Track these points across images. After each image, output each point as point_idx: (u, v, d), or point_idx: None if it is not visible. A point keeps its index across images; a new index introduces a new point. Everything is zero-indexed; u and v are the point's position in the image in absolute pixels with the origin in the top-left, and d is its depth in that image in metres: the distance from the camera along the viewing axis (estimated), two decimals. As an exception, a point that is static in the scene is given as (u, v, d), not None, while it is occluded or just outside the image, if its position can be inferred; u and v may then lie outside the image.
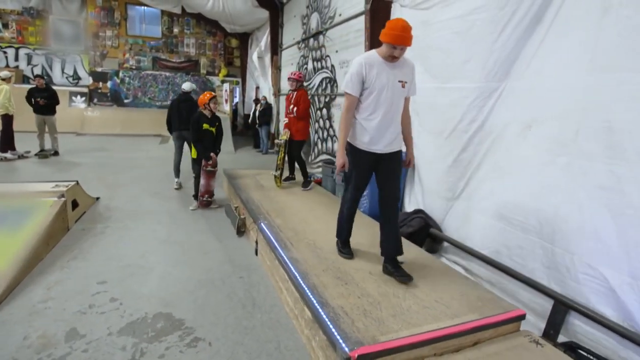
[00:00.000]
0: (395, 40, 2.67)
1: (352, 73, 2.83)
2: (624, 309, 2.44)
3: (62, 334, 2.67)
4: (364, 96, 2.86)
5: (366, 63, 2.79)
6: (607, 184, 2.52)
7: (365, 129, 2.89)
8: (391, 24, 2.72)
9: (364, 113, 2.88)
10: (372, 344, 2.14)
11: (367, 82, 2.80)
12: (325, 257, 3.30)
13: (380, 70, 2.80)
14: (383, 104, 2.84)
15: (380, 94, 2.82)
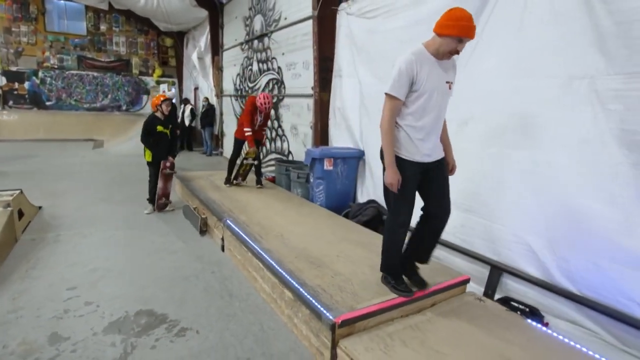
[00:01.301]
0: (463, 32, 2.28)
1: (399, 72, 2.38)
2: (543, 266, 3.06)
3: (44, 339, 2.68)
4: (411, 99, 2.44)
5: (417, 60, 2.37)
6: (528, 168, 3.13)
7: (411, 138, 2.48)
8: (455, 14, 2.31)
9: (409, 119, 2.48)
10: (351, 311, 2.50)
11: (418, 83, 2.38)
12: (294, 247, 3.59)
13: (432, 70, 2.40)
14: (433, 109, 2.45)
15: (431, 97, 2.42)
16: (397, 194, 2.54)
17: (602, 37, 2.71)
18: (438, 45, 2.38)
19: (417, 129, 2.47)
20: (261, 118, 5.69)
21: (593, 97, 2.78)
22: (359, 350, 2.30)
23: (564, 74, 2.93)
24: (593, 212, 2.79)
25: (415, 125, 2.47)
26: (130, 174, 8.42)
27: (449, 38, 2.32)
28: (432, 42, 2.43)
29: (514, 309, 3.01)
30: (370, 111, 5.01)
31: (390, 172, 2.49)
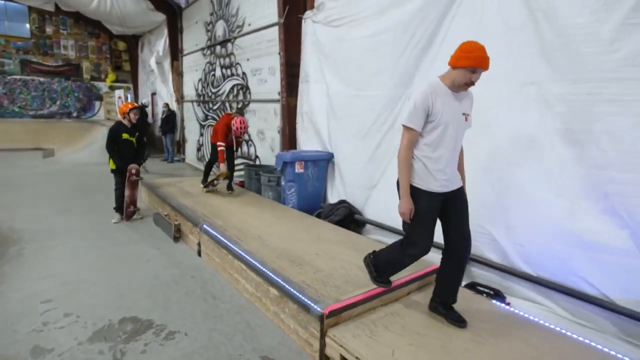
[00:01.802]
0: (477, 63, 2.35)
1: (414, 105, 2.44)
2: (503, 252, 3.40)
3: (26, 352, 2.62)
4: (427, 130, 2.48)
5: (432, 93, 2.43)
6: (486, 165, 3.47)
7: (427, 169, 2.51)
8: (468, 46, 2.40)
9: (426, 149, 2.51)
10: (336, 302, 2.67)
11: (433, 114, 2.43)
12: (274, 247, 3.71)
13: (447, 102, 2.46)
14: (449, 140, 2.49)
15: (447, 129, 2.46)
16: (413, 224, 2.56)
17: (546, 48, 3.08)
18: (453, 77, 2.44)
19: (433, 160, 2.50)
20: (235, 137, 5.73)
21: (540, 101, 3.15)
22: (347, 337, 2.47)
23: (516, 81, 3.29)
24: (543, 202, 3.16)
25: (432, 156, 2.50)
26: (89, 183, 8.13)
27: (463, 70, 2.38)
28: (447, 75, 2.49)
29: (480, 292, 3.32)
30: (339, 115, 5.23)
31: (403, 202, 2.51)
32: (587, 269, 2.97)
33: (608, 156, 2.81)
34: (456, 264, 2.71)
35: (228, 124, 5.57)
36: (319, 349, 2.59)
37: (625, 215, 2.78)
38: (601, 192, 2.89)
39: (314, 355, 2.63)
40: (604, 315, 2.92)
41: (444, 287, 2.77)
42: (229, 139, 5.64)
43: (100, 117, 15.98)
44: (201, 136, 10.21)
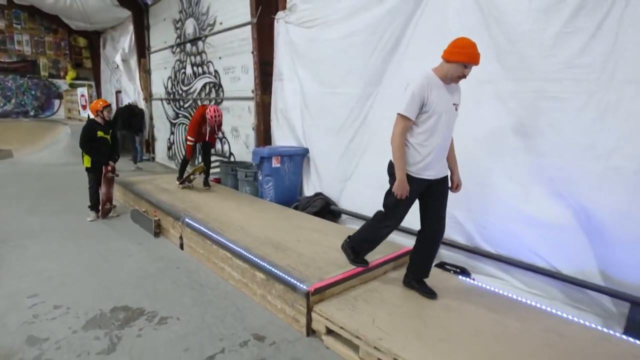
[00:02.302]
0: (471, 59, 2.57)
1: (412, 94, 2.60)
2: (467, 234, 3.79)
3: (21, 342, 2.70)
4: (422, 119, 2.66)
5: (427, 84, 2.61)
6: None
7: (420, 154, 2.71)
8: (461, 42, 2.60)
9: (420, 137, 2.70)
10: (320, 281, 2.93)
11: (428, 104, 2.61)
12: (256, 236, 3.92)
13: (440, 93, 2.65)
14: (441, 129, 2.68)
15: (440, 118, 2.65)
16: (397, 202, 2.79)
17: (499, 51, 3.48)
18: (446, 70, 2.63)
19: (426, 147, 2.69)
20: (210, 128, 5.81)
21: (495, 97, 3.55)
22: (331, 310, 2.74)
23: (474, 80, 3.60)
24: (500, 187, 3.57)
25: (425, 143, 2.68)
26: (57, 184, 7.93)
27: (456, 64, 2.58)
28: (440, 67, 2.68)
29: (448, 270, 3.69)
30: (313, 112, 5.48)
31: (401, 184, 2.70)
32: (539, 244, 3.40)
33: (552, 146, 3.24)
34: (430, 245, 2.99)
35: (203, 114, 5.68)
36: (306, 324, 2.84)
37: (567, 197, 3.22)
38: (547, 177, 3.32)
39: (301, 330, 2.87)
40: (553, 284, 3.36)
41: (417, 264, 3.07)
42: (203, 130, 5.74)
43: (61, 116, 15.37)
44: (172, 134, 10.15)
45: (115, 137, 5.63)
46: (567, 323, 2.74)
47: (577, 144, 3.11)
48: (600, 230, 3.09)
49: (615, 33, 2.89)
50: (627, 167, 2.92)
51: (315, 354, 2.66)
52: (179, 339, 2.77)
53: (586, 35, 3.01)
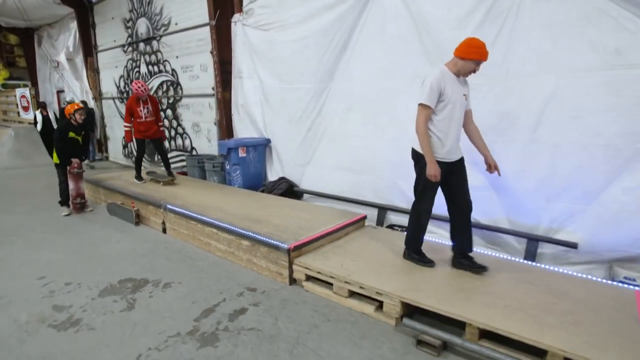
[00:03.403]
0: (483, 57, 2.95)
1: (431, 86, 2.96)
2: (409, 200, 4.67)
3: (49, 310, 3.16)
4: (439, 108, 3.03)
5: (443, 77, 2.99)
6: (393, 136, 4.70)
7: (440, 140, 3.09)
8: (474, 42, 2.96)
9: (439, 125, 3.07)
10: (297, 241, 3.66)
11: (444, 95, 2.98)
12: (235, 214, 4.54)
13: (453, 85, 3.02)
14: (456, 116, 3.06)
15: (455, 107, 3.02)
16: (428, 186, 3.17)
17: (427, 51, 4.37)
18: (460, 66, 3.02)
19: (444, 133, 3.07)
20: (148, 107, 6.03)
21: (425, 89, 4.44)
22: (308, 262, 3.49)
23: (409, 75, 4.54)
24: (432, 160, 4.48)
25: (443, 129, 3.07)
26: (16, 187, 7.90)
27: (469, 61, 2.97)
28: (452, 63, 3.07)
29: (395, 229, 4.58)
30: (273, 106, 6.13)
31: (432, 165, 3.05)
32: (462, 203, 4.36)
33: (468, 125, 4.19)
34: (465, 218, 3.29)
35: (132, 96, 5.97)
36: (289, 275, 3.56)
37: (481, 164, 4.17)
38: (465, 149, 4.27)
39: (284, 281, 3.59)
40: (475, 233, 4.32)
41: (461, 241, 3.36)
42: (141, 114, 5.95)
43: (-6, 119, 14.54)
44: (127, 133, 10.23)
45: (86, 138, 5.91)
46: (492, 258, 3.70)
47: (486, 123, 4.07)
48: (505, 187, 4.10)
49: (508, 39, 3.88)
50: (520, 139, 3.94)
51: (298, 297, 3.39)
52: (185, 296, 3.38)
53: (489, 41, 3.92)
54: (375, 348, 2.66)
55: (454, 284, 3.10)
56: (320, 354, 2.60)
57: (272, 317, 3.04)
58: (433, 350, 2.61)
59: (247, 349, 2.64)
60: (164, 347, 2.67)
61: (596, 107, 3.50)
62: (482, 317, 2.62)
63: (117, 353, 2.61)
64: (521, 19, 3.81)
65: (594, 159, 3.58)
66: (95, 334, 2.84)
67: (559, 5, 3.58)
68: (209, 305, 3.21)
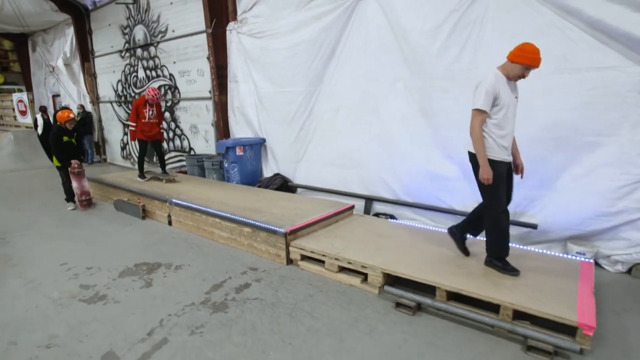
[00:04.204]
0: (532, 62, 2.95)
1: (486, 91, 2.98)
2: (393, 191, 5.22)
3: (77, 289, 3.61)
4: (494, 112, 3.05)
5: (497, 81, 3.00)
6: (378, 132, 5.23)
7: (496, 142, 3.09)
8: (526, 47, 2.96)
9: (495, 127, 3.08)
10: (293, 226, 4.16)
11: (499, 99, 2.99)
12: (236, 206, 5.01)
13: (506, 88, 3.05)
14: (510, 118, 3.09)
15: (508, 110, 3.05)
16: (494, 188, 3.14)
17: (406, 58, 4.90)
18: (510, 70, 3.05)
19: (500, 136, 3.10)
20: (153, 110, 6.49)
21: (406, 91, 4.97)
22: (302, 243, 3.99)
23: (391, 79, 5.07)
24: (412, 154, 5.02)
25: (499, 132, 3.09)
26: (20, 188, 8.24)
27: (519, 65, 2.99)
28: (504, 67, 3.09)
29: (380, 216, 5.10)
30: (267, 108, 6.62)
31: (486, 169, 3.07)
32: (439, 192, 4.91)
33: (442, 123, 4.73)
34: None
35: (141, 99, 6.41)
36: (286, 257, 4.06)
37: (454, 157, 4.74)
38: (442, 144, 4.82)
39: (282, 261, 4.09)
40: (449, 218, 4.88)
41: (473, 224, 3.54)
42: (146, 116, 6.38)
43: (-11, 124, 14.75)
44: (125, 135, 10.64)
45: (80, 139, 6.34)
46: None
47: (456, 121, 4.62)
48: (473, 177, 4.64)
49: (474, 48, 4.42)
50: (486, 134, 4.48)
51: (295, 274, 3.88)
52: (195, 275, 3.85)
53: (458, 49, 4.51)
54: (360, 310, 3.17)
55: (429, 259, 3.62)
56: (315, 315, 3.10)
57: (272, 289, 3.53)
58: (409, 311, 3.12)
59: (253, 313, 3.13)
60: (182, 313, 3.14)
61: (550, 106, 4.06)
62: (449, 282, 3.14)
63: (142, 318, 3.07)
64: (485, 30, 4.35)
65: (549, 151, 4.14)
66: (121, 305, 3.30)
67: (517, 18, 4.12)
68: (217, 282, 3.69)
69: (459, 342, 2.75)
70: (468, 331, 2.88)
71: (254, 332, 2.88)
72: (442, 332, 2.88)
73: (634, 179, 3.71)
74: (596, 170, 3.92)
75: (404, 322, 3.01)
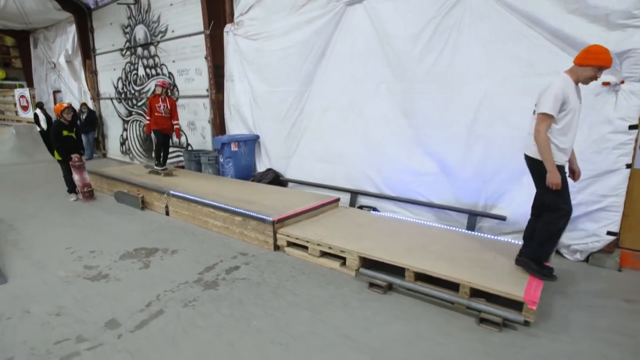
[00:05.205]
0: (607, 63, 2.88)
1: (555, 96, 2.91)
2: (376, 186, 5.58)
3: (81, 269, 3.96)
4: (560, 117, 2.97)
5: (566, 86, 2.93)
6: (363, 131, 5.59)
7: (559, 147, 3.04)
8: (592, 48, 2.92)
9: (558, 133, 3.01)
10: (280, 215, 4.52)
11: (567, 103, 2.92)
12: (230, 198, 5.36)
13: (574, 93, 2.98)
14: (575, 124, 3.03)
15: (574, 115, 2.98)
16: (558, 193, 3.06)
17: (389, 61, 5.25)
18: (580, 73, 2.96)
19: (563, 141, 3.04)
20: (166, 105, 6.83)
21: (388, 93, 5.33)
22: (289, 231, 4.35)
23: (376, 81, 5.43)
24: (394, 152, 5.38)
25: (562, 138, 3.03)
26: (23, 181, 8.57)
27: (590, 67, 2.91)
28: (573, 71, 3.02)
29: (364, 209, 5.46)
30: (261, 106, 6.98)
31: (554, 174, 2.99)
32: (420, 187, 5.26)
33: (422, 122, 5.09)
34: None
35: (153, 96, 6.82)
36: (273, 243, 4.42)
37: (433, 154, 5.10)
38: (422, 142, 5.18)
39: (270, 247, 4.45)
40: (429, 211, 5.25)
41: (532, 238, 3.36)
42: (160, 109, 6.78)
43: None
44: (125, 131, 10.98)
45: (78, 133, 6.67)
46: (436, 228, 4.60)
47: (435, 121, 4.99)
48: (451, 173, 5.01)
49: (452, 52, 4.78)
50: (461, 133, 4.83)
51: (281, 258, 4.24)
52: (190, 258, 4.21)
53: (436, 53, 4.87)
54: (337, 289, 3.54)
55: (403, 245, 3.97)
56: (296, 293, 3.46)
57: (259, 271, 3.89)
58: (381, 290, 3.49)
59: (241, 290, 3.49)
60: (177, 289, 3.50)
61: (517, 106, 4.39)
62: (417, 264, 3.50)
63: (141, 293, 3.43)
64: (462, 35, 4.70)
65: (516, 148, 4.48)
66: (122, 283, 3.66)
67: (490, 26, 4.47)
68: (209, 264, 4.05)
69: (420, 315, 3.11)
70: (431, 307, 3.25)
71: (240, 305, 3.24)
72: (407, 307, 3.24)
73: (589, 174, 4.06)
74: (558, 166, 4.28)
75: (375, 300, 3.37)
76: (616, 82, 3.86)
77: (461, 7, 4.63)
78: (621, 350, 2.71)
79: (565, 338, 2.85)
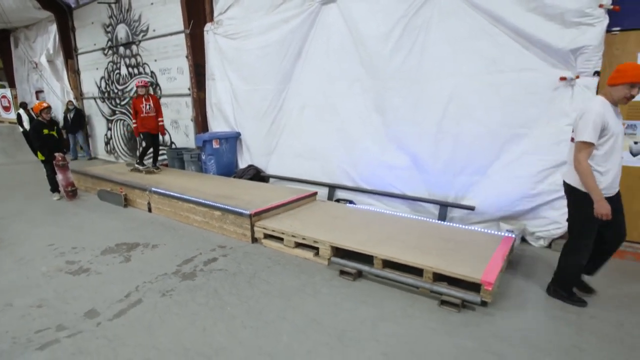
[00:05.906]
0: (634, 78, 2.72)
1: (594, 122, 2.76)
2: (353, 180, 5.77)
3: (63, 264, 4.08)
4: (600, 142, 2.82)
5: (604, 110, 2.79)
6: (339, 128, 5.77)
7: (602, 174, 2.87)
8: (624, 66, 2.80)
9: (600, 159, 2.86)
10: (258, 209, 4.68)
11: (607, 128, 2.78)
12: (210, 193, 5.50)
13: (613, 116, 2.83)
14: (618, 149, 2.85)
15: (617, 139, 2.82)
16: (584, 226, 2.99)
17: (362, 60, 5.43)
18: (614, 94, 2.83)
19: (606, 167, 2.86)
20: (149, 104, 6.92)
21: (362, 90, 5.51)
22: (265, 223, 4.51)
23: (350, 79, 5.61)
24: (368, 148, 5.57)
25: (604, 164, 2.86)
26: (6, 180, 8.61)
27: (621, 86, 2.77)
28: (607, 93, 2.88)
29: (341, 202, 5.65)
30: (241, 104, 7.11)
31: (602, 204, 2.82)
32: (393, 180, 5.47)
33: (394, 119, 5.28)
34: (608, 252, 3.17)
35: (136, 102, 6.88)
36: (251, 236, 4.58)
37: (405, 149, 5.30)
38: (394, 138, 5.38)
39: (247, 240, 4.61)
40: (403, 203, 5.46)
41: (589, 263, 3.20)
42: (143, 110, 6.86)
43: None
44: (109, 130, 11.00)
45: (60, 132, 6.73)
46: (409, 219, 4.80)
47: (406, 117, 5.19)
48: (423, 166, 5.21)
49: (421, 50, 4.97)
50: (431, 130, 5.04)
51: (258, 250, 4.41)
52: (169, 252, 4.35)
53: (406, 52, 5.05)
54: (310, 278, 3.72)
55: (375, 236, 4.16)
56: (270, 282, 3.63)
57: (236, 263, 4.06)
58: (350, 277, 3.68)
59: (217, 280, 3.65)
60: (155, 281, 3.65)
61: (483, 103, 4.63)
62: (385, 252, 3.70)
63: (121, 285, 3.57)
64: (429, 34, 4.89)
65: (482, 143, 4.71)
66: (102, 276, 3.79)
67: (456, 24, 4.67)
68: (188, 257, 4.19)
69: (385, 300, 3.31)
70: (397, 292, 3.45)
71: (215, 294, 3.40)
72: (375, 292, 3.44)
73: (549, 165, 4.30)
74: (520, 158, 4.51)
75: (345, 286, 3.56)
76: (572, 77, 4.10)
77: (429, 7, 4.82)
78: (567, 325, 2.93)
79: (518, 316, 3.07)
